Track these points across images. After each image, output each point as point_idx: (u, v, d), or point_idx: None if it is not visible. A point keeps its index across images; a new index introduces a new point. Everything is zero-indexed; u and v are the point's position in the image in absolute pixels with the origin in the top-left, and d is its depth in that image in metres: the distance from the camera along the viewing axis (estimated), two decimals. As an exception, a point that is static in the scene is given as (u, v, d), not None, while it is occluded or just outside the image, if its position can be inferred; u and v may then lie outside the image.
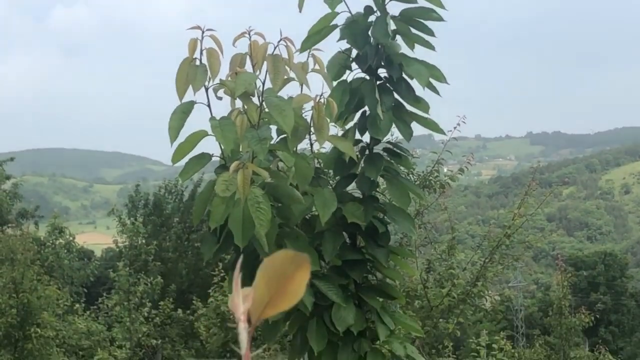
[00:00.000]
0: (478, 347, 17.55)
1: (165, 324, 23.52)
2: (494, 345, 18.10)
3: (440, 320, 15.18)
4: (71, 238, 30.12)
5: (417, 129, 5.38)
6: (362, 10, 5.11)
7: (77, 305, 22.88)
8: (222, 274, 19.82)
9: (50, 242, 27.63)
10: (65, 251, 28.47)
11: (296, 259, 0.84)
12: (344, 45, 5.24)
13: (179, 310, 24.43)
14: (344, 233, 5.23)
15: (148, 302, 21.22)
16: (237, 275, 0.88)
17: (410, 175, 10.48)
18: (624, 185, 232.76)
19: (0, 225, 28.69)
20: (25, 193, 34.54)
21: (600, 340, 33.77)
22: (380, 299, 5.28)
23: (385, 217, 5.30)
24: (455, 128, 13.82)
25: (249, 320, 0.96)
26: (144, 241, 29.03)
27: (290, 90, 4.90)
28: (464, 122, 14.42)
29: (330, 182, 5.36)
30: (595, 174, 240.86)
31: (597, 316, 27.33)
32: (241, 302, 0.84)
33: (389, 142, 5.43)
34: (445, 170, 15.19)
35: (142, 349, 21.72)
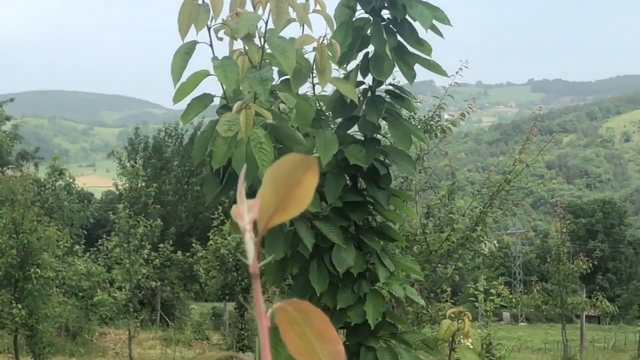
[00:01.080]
0: (476, 292, 17.75)
1: (164, 267, 23.94)
2: (492, 291, 18.19)
3: (439, 265, 15.23)
4: (71, 180, 30.72)
5: (419, 74, 5.29)
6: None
7: (77, 246, 23.40)
8: (221, 217, 20.06)
9: (50, 183, 28.15)
10: (65, 193, 28.92)
11: (305, 161, 0.82)
12: None
13: (179, 253, 25.01)
14: (345, 175, 5.22)
15: (148, 245, 21.51)
16: (242, 184, 0.86)
17: (412, 120, 10.38)
18: (624, 133, 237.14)
19: (0, 166, 28.81)
20: (25, 135, 34.72)
21: (597, 287, 33.89)
22: (381, 242, 5.27)
23: (387, 159, 5.29)
24: (457, 73, 13.72)
25: (255, 230, 0.90)
26: (143, 184, 29.13)
27: (292, 31, 4.82)
28: (466, 66, 14.38)
29: (332, 124, 5.34)
30: (595, 121, 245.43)
31: (595, 263, 28.15)
32: (246, 211, 0.81)
33: (391, 84, 5.37)
34: (446, 116, 15.19)
35: (141, 290, 22.09)
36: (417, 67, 5.29)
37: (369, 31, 5.13)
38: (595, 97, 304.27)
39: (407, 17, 5.01)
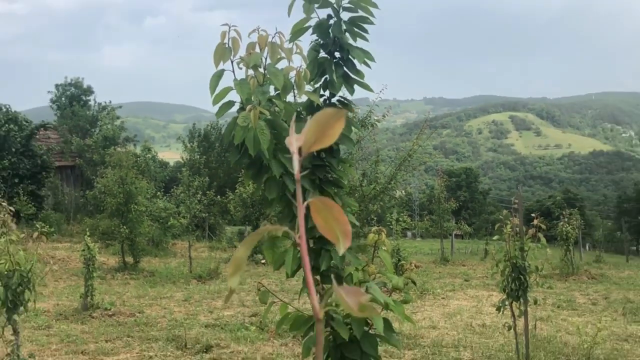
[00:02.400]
0: (391, 219, 20.40)
1: (210, 204, 27.60)
2: (399, 219, 20.84)
3: (370, 204, 18.11)
4: (155, 154, 36.65)
5: (357, 91, 5.58)
6: (325, 16, 5.29)
7: (158, 193, 27.62)
8: (241, 176, 23.64)
9: (143, 156, 32.53)
10: (152, 161, 33.85)
11: (337, 113, 0.82)
12: (314, 37, 5.41)
13: (218, 197, 28.92)
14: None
15: (200, 192, 23.87)
16: (293, 130, 0.83)
17: (353, 119, 11.62)
18: (478, 129, 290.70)
19: (113, 145, 31.80)
20: (128, 127, 39.37)
21: (461, 217, 37.17)
22: (334, 188, 5.55)
23: (337, 139, 5.82)
24: (381, 91, 17.40)
25: (300, 153, 0.99)
26: (197, 157, 37.18)
27: (282, 64, 5.06)
28: (385, 88, 18.52)
29: (306, 119, 5.74)
30: (461, 122, 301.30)
31: (460, 204, 36.96)
32: (294, 141, 0.81)
33: (340, 97, 5.54)
34: (374, 117, 18.75)
35: (196, 218, 25.35)
36: (356, 87, 5.50)
37: (326, 65, 5.33)
38: (462, 108, 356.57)
39: (349, 56, 5.30)
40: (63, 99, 37.30)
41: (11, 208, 8.40)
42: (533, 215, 8.62)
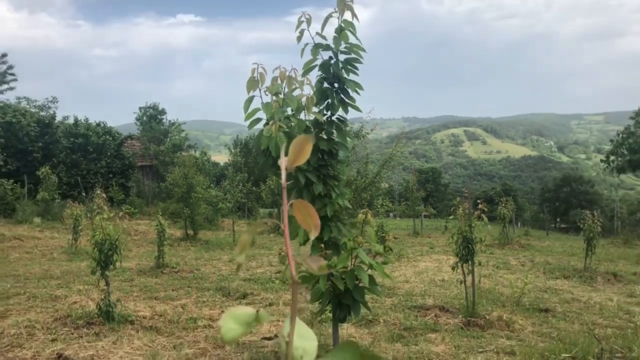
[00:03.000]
0: (377, 204, 20.14)
1: (248, 193, 28.10)
2: (383, 204, 20.57)
3: (362, 193, 17.99)
4: (209, 157, 37.44)
5: (353, 113, 5.59)
6: (327, 58, 5.28)
7: (211, 184, 27.58)
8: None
9: (200, 158, 31.91)
10: (207, 162, 33.83)
11: (307, 139, 0.82)
12: (319, 73, 5.39)
13: (254, 188, 28.79)
14: (318, 153, 5.40)
15: (240, 184, 24.89)
16: (283, 157, 0.83)
17: (349, 131, 11.84)
18: (441, 139, 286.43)
19: (180, 151, 32.51)
20: (190, 138, 40.15)
21: (428, 203, 36.85)
22: (335, 181, 5.52)
23: (336, 146, 5.46)
24: (369, 111, 17.79)
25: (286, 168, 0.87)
26: (239, 159, 36.71)
27: (296, 92, 5.18)
28: (373, 109, 18.25)
29: (313, 131, 5.41)
30: (429, 134, 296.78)
31: (427, 193, 36.64)
32: (284, 161, 0.79)
33: (338, 116, 5.51)
34: (364, 131, 18.75)
35: (238, 203, 25.88)
36: (351, 109, 5.48)
37: (328, 92, 5.34)
38: (430, 123, 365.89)
39: (345, 86, 5.29)
40: (144, 117, 37.28)
41: (104, 195, 8.42)
42: (479, 201, 8.59)
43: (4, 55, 31.49)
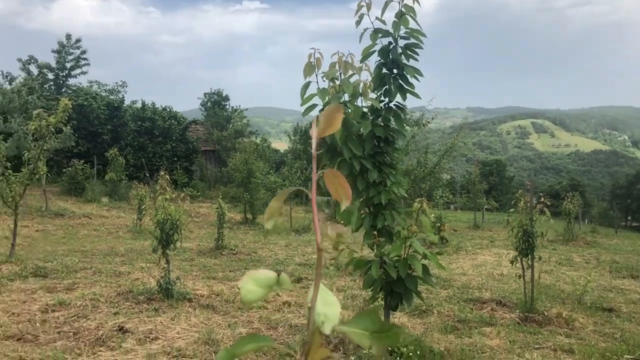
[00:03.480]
0: (437, 196, 19.66)
1: (306, 180, 29.11)
2: (442, 195, 20.13)
3: (420, 183, 17.82)
4: (270, 144, 37.69)
5: (415, 101, 5.53)
6: (387, 43, 5.26)
7: (271, 170, 28.08)
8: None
9: (261, 145, 32.57)
10: (267, 149, 34.00)
11: (337, 108, 0.81)
12: (378, 58, 5.35)
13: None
14: (374, 140, 5.37)
15: (299, 171, 25.41)
16: (315, 124, 0.81)
17: (409, 119, 11.57)
18: (507, 131, 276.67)
19: (241, 137, 33.02)
20: (252, 124, 40.89)
21: (491, 196, 35.86)
22: (389, 169, 5.45)
23: (392, 133, 5.43)
24: (430, 100, 17.28)
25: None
26: (298, 146, 36.87)
27: (354, 78, 5.22)
28: (434, 98, 18.93)
29: (370, 117, 5.34)
30: (495, 125, 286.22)
31: (490, 186, 35.09)
32: (315, 131, 0.78)
33: (396, 102, 5.43)
34: (424, 119, 18.50)
35: (296, 185, 25.71)
36: (411, 96, 5.40)
37: (386, 78, 5.29)
38: (495, 115, 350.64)
39: (403, 72, 5.24)
40: (208, 103, 38.14)
41: (167, 177, 8.69)
42: (541, 194, 8.34)
43: (78, 40, 32.87)
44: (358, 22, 5.05)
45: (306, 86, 5.28)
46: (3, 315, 6.71)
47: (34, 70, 31.82)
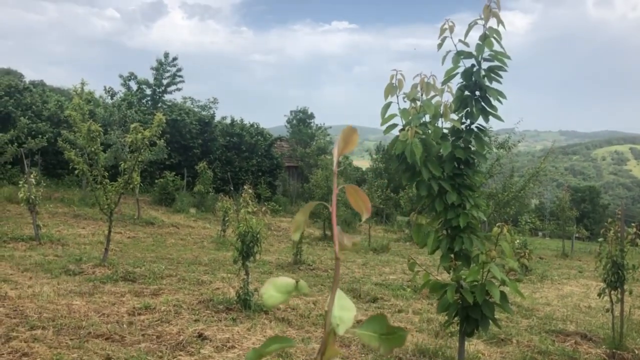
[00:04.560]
0: (523, 222, 18.95)
1: (386, 199, 27.65)
2: (528, 221, 19.45)
3: (504, 207, 17.39)
4: (352, 161, 36.11)
5: (502, 123, 5.49)
6: (470, 65, 5.16)
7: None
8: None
9: (342, 162, 33.11)
10: (349, 166, 31.86)
11: (352, 130, 0.83)
12: (460, 80, 5.20)
13: (392, 194, 27.65)
14: (454, 161, 5.25)
15: (379, 189, 24.67)
16: (336, 153, 0.84)
17: (493, 142, 11.34)
18: (602, 157, 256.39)
19: (324, 154, 33.07)
20: (334, 142, 39.68)
21: (582, 224, 34.02)
22: (468, 191, 5.32)
23: (473, 155, 5.31)
24: (518, 122, 16.78)
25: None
26: (380, 165, 35.63)
27: (435, 100, 5.38)
28: (521, 120, 18.37)
29: (450, 139, 5.26)
30: (589, 150, 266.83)
31: (582, 213, 34.37)
32: (336, 151, 0.82)
33: (477, 124, 5.33)
34: (510, 142, 18.04)
35: (375, 208, 25.50)
36: (498, 121, 5.30)
37: (468, 100, 5.20)
38: (590, 139, 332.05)
39: (486, 94, 5.13)
40: (294, 121, 39.04)
41: (250, 191, 8.98)
42: (633, 224, 7.87)
43: (175, 58, 34.67)
44: (440, 45, 5.05)
45: (387, 106, 5.31)
46: (94, 315, 7.17)
47: (133, 85, 33.85)
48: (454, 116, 5.32)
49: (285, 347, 0.92)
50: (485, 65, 5.19)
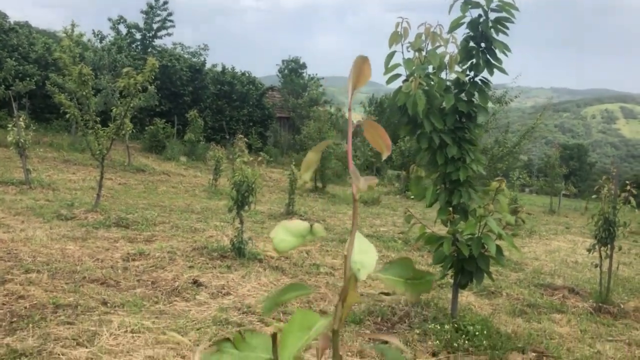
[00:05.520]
0: (514, 177, 19.04)
1: (377, 153, 26.66)
2: (519, 176, 19.52)
3: (497, 163, 17.36)
4: (344, 113, 35.92)
5: (497, 77, 5.56)
6: (476, 15, 5.11)
7: (344, 140, 26.67)
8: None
9: (335, 114, 30.63)
10: (341, 118, 31.33)
11: (364, 59, 0.79)
12: (466, 31, 5.22)
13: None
14: (456, 114, 5.30)
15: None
16: (350, 93, 0.82)
17: (492, 95, 11.23)
18: (592, 115, 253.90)
19: (316, 105, 31.76)
20: (327, 93, 39.74)
21: (570, 181, 34.28)
22: (469, 145, 5.37)
23: (475, 108, 5.34)
24: (515, 78, 16.41)
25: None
26: (373, 117, 33.34)
27: (439, 50, 5.15)
28: (519, 75, 17.77)
29: (452, 91, 5.28)
30: (579, 108, 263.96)
31: (570, 170, 32.53)
32: (350, 85, 0.81)
33: (482, 77, 5.33)
34: (507, 97, 17.85)
35: (367, 161, 25.21)
36: (496, 72, 5.28)
37: (473, 52, 5.18)
38: (581, 97, 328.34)
39: (492, 46, 5.10)
40: (286, 70, 38.39)
41: (246, 140, 8.89)
42: (627, 182, 7.92)
43: (165, 2, 33.73)
44: (448, -7, 4.93)
45: (391, 55, 5.24)
46: (89, 260, 7.18)
47: (123, 29, 33.00)
48: (458, 68, 5.25)
49: (302, 295, 0.88)
50: (492, 16, 5.10)
